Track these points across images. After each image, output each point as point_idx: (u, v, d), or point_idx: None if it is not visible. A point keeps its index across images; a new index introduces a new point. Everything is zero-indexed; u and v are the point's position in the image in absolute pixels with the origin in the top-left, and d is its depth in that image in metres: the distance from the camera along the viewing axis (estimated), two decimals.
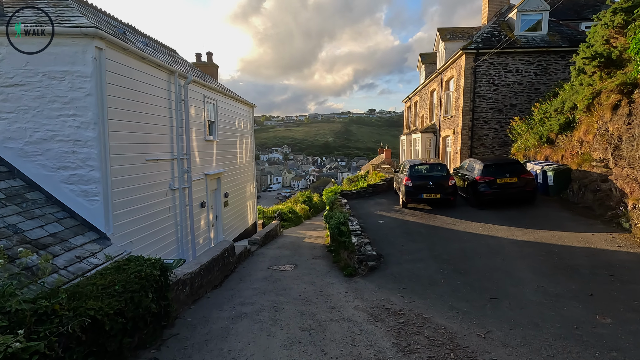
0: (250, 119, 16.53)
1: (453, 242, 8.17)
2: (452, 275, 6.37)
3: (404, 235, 9.01)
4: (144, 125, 7.88)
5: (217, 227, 12.46)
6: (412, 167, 11.83)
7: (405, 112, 35.75)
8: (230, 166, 13.63)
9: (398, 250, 8.01)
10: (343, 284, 7.03)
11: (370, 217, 10.92)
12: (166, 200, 8.84)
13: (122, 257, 6.25)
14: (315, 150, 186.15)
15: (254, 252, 11.48)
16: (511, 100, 17.51)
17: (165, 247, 8.76)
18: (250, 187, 16.54)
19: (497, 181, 10.69)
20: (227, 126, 13.32)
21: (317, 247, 12.37)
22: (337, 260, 9.38)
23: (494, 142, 17.81)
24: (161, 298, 4.49)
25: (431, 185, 11.22)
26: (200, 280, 6.42)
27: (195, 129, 10.51)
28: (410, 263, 7.20)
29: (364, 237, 8.49)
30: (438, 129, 22.23)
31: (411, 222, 10.14)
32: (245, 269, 9.23)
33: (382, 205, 12.57)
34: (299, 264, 9.54)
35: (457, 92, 18.66)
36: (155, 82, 8.36)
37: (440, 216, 10.51)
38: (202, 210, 10.97)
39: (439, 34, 23.13)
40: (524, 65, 17.26)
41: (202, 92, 11.04)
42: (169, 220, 8.94)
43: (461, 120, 17.90)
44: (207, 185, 11.30)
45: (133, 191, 7.41)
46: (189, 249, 9.97)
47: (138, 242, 7.58)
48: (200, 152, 10.86)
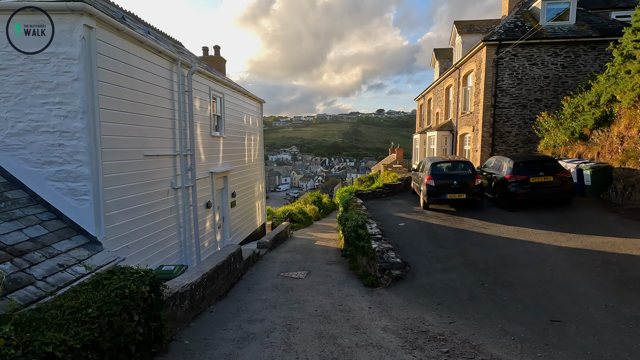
0: (259, 115, 15.76)
1: (487, 248, 7.22)
2: (494, 288, 5.44)
3: (430, 239, 8.08)
4: (143, 117, 7.12)
5: (223, 229, 11.68)
6: (434, 165, 10.88)
7: (417, 110, 34.67)
8: (238, 164, 12.86)
9: (425, 257, 7.09)
10: (365, 296, 6.15)
11: (389, 219, 10.01)
12: (168, 200, 8.07)
13: (112, 265, 5.48)
14: (323, 150, 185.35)
15: (262, 256, 10.67)
16: (536, 95, 16.39)
17: (166, 252, 7.99)
18: (259, 187, 15.76)
19: (529, 180, 9.68)
20: (235, 122, 12.55)
21: (331, 251, 11.51)
22: (355, 267, 8.51)
23: (517, 139, 16.71)
24: (151, 319, 3.68)
25: (456, 184, 10.26)
26: (202, 292, 5.61)
27: (200, 124, 9.74)
28: (442, 273, 6.29)
29: (385, 242, 7.60)
30: (455, 127, 21.18)
31: (435, 225, 9.20)
32: (254, 275, 8.42)
33: (400, 206, 11.64)
34: (312, 271, 8.70)
35: (476, 87, 17.61)
36: (156, 70, 7.61)
37: (467, 219, 9.54)
38: (208, 211, 10.20)
39: (455, 27, 22.09)
40: (550, 57, 16.13)
41: (208, 84, 10.28)
42: (170, 222, 8.18)
43: (482, 117, 16.85)
44: (213, 184, 10.53)
45: (129, 190, 6.65)
46: (193, 253, 9.19)
47: (135, 246, 6.81)
48: (206, 149, 10.09)
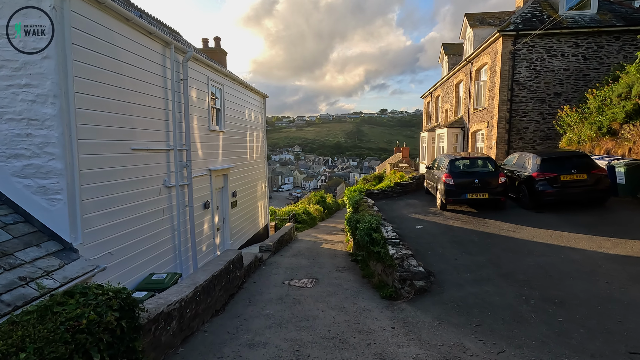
0: (262, 110, 14.91)
1: (522, 255, 6.32)
2: (543, 306, 4.55)
3: (453, 244, 7.19)
4: (130, 105, 6.28)
5: (223, 231, 10.84)
6: (452, 162, 9.98)
7: (424, 107, 33.73)
8: (239, 162, 12.01)
9: (451, 265, 6.20)
10: (384, 312, 5.28)
11: (405, 220, 9.12)
12: (160, 199, 7.23)
13: (88, 276, 4.63)
14: (326, 150, 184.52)
15: (265, 261, 9.81)
16: (555, 89, 15.43)
17: (158, 258, 7.15)
18: (262, 186, 14.92)
19: (560, 178, 8.76)
20: (236, 116, 11.71)
21: (339, 255, 10.64)
22: (368, 275, 7.64)
23: (535, 135, 15.76)
24: (122, 354, 2.82)
25: (477, 183, 9.36)
26: (194, 309, 4.75)
27: (198, 117, 8.90)
28: (474, 284, 5.40)
29: (404, 247, 6.71)
30: (466, 123, 20.25)
31: (457, 227, 8.30)
32: (256, 283, 7.56)
33: (415, 207, 10.74)
34: (320, 278, 7.83)
35: (491, 81, 16.67)
36: (146, 53, 6.77)
37: (491, 221, 8.64)
38: (206, 212, 9.36)
39: (466, 20, 21.15)
40: (571, 48, 15.16)
41: (206, 73, 9.43)
42: (163, 225, 7.34)
43: (497, 112, 15.91)
44: (212, 182, 9.69)
45: (113, 188, 5.81)
46: (189, 258, 8.35)
47: (120, 252, 5.97)
48: (204, 144, 9.25)
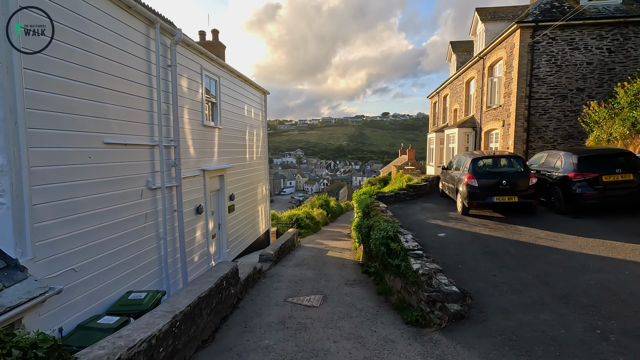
0: (263, 107, 13.89)
1: (575, 271, 5.22)
2: (630, 344, 3.45)
3: (487, 256, 6.09)
4: (103, 91, 5.25)
5: (219, 238, 9.77)
6: (475, 162, 8.89)
7: (431, 108, 32.70)
8: (238, 162, 10.98)
9: (490, 283, 5.11)
10: (413, 345, 4.19)
11: (424, 227, 8.03)
12: (142, 203, 6.18)
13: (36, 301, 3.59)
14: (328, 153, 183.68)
15: (266, 272, 8.74)
16: (578, 84, 14.34)
17: (139, 272, 6.09)
18: (262, 189, 13.86)
19: (602, 179, 7.67)
20: (234, 111, 10.68)
21: (348, 266, 9.55)
22: (385, 291, 6.55)
23: (556, 134, 14.65)
24: None
25: (505, 185, 8.27)
26: (171, 344, 3.68)
27: (189, 109, 7.88)
28: (526, 310, 4.30)
29: (429, 261, 5.63)
30: (478, 123, 19.18)
31: (485, 235, 7.20)
32: (254, 301, 6.48)
33: (432, 212, 9.64)
34: (328, 295, 6.75)
35: (507, 77, 15.61)
36: (124, 31, 5.75)
37: (523, 228, 7.54)
38: (199, 218, 8.31)
39: (477, 15, 20.18)
40: (595, 40, 14.10)
41: (200, 61, 8.42)
42: (145, 232, 6.29)
43: (514, 109, 14.83)
44: (206, 184, 8.65)
45: (78, 189, 4.77)
46: (178, 271, 7.29)
47: (89, 267, 4.92)
48: (196, 141, 8.22)
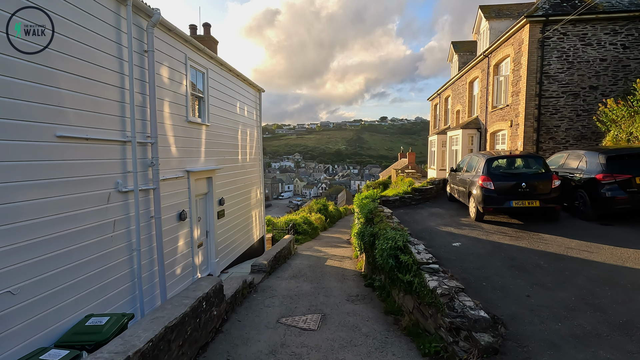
0: (257, 105, 13.02)
1: (625, 290, 4.34)
2: None
3: (514, 271, 5.20)
4: (57, 74, 4.36)
5: (207, 247, 8.85)
6: (490, 162, 8.03)
7: (432, 110, 31.98)
8: (228, 163, 10.08)
9: (525, 306, 4.20)
10: None
11: (436, 235, 7.13)
12: (109, 209, 5.27)
13: None
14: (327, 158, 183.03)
15: (257, 285, 7.81)
16: (591, 81, 13.57)
17: (105, 290, 5.15)
18: (257, 193, 12.95)
19: (635, 181, 6.82)
20: (225, 107, 9.80)
21: (349, 277, 8.64)
22: (393, 311, 5.65)
23: (568, 135, 13.84)
24: None
25: (524, 187, 7.40)
26: None
27: (171, 103, 7.00)
28: (578, 345, 3.40)
29: (447, 276, 4.73)
30: (483, 124, 18.40)
31: (507, 245, 6.32)
32: (241, 322, 5.57)
33: (442, 218, 8.75)
34: (328, 314, 5.85)
35: (515, 75, 14.83)
36: (87, 5, 4.87)
37: (548, 236, 6.66)
38: (182, 225, 7.39)
39: (481, 12, 19.49)
40: (608, 35, 13.36)
41: (184, 50, 7.55)
42: (114, 243, 5.37)
43: (523, 108, 14.03)
44: (191, 187, 7.74)
45: (18, 192, 3.86)
46: (156, 286, 6.35)
47: (33, 289, 3.98)
48: (180, 138, 7.33)
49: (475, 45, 24.07)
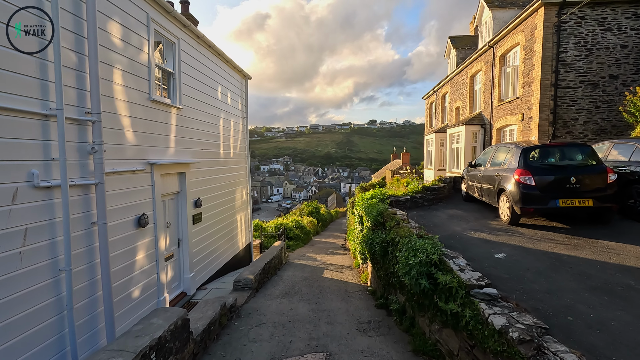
0: (243, 93, 11.38)
1: None
2: None
3: (600, 296, 3.70)
4: None
5: (179, 260, 7.14)
6: (526, 153, 6.56)
7: (427, 109, 30.79)
8: (207, 157, 8.40)
9: None
10: None
11: (468, 244, 5.60)
12: (14, 212, 3.57)
13: None
14: (316, 160, 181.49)
15: (241, 308, 6.15)
16: (611, 70, 12.37)
17: (8, 332, 3.44)
18: (242, 194, 11.27)
19: None
20: (202, 89, 8.13)
21: (353, 293, 7.06)
22: (425, 350, 4.08)
23: (586, 128, 12.59)
24: None
25: (574, 183, 5.96)
26: None
27: (126, 73, 5.32)
28: None
29: (513, 307, 3.22)
30: (487, 119, 17.14)
31: (567, 257, 4.82)
32: None
33: (466, 221, 7.25)
34: (335, 353, 4.28)
35: (527, 64, 13.57)
36: None
37: (612, 243, 5.22)
38: (141, 233, 5.69)
39: (484, 2, 18.30)
40: (630, 20, 12.21)
41: (146, 8, 5.88)
42: (24, 262, 3.66)
43: (538, 100, 12.76)
44: (156, 184, 6.05)
45: None
46: (99, 317, 4.63)
47: None
48: (139, 120, 5.64)
49: (474, 39, 22.98)
